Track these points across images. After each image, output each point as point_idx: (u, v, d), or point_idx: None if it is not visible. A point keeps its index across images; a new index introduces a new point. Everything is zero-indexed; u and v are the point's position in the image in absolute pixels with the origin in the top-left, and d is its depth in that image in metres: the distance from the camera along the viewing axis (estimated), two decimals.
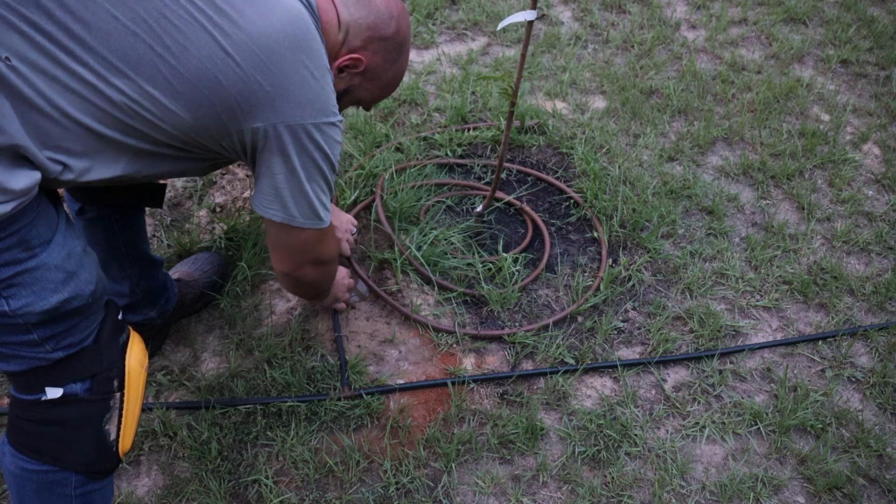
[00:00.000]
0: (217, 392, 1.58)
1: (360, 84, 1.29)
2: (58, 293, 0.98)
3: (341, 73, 1.25)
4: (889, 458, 1.61)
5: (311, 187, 1.17)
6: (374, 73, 1.28)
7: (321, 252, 1.32)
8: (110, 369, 1.07)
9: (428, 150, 2.23)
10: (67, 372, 1.03)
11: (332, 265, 1.43)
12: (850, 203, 2.24)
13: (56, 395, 1.03)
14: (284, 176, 1.14)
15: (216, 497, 1.41)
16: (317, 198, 1.20)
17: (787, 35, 2.97)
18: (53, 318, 0.99)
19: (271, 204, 1.18)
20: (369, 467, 1.50)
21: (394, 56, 1.29)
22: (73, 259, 1.00)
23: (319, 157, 1.15)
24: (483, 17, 2.84)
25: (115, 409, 1.07)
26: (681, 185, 2.21)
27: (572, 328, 1.80)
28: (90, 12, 0.96)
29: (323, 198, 1.22)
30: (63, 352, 1.02)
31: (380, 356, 1.70)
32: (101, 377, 1.06)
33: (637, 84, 2.60)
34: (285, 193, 1.17)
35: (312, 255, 1.30)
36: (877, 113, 2.63)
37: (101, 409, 1.07)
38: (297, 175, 1.15)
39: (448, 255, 1.88)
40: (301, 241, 1.25)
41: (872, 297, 1.96)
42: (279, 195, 1.17)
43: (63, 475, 1.07)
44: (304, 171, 1.15)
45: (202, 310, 1.74)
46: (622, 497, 1.48)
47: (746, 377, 1.75)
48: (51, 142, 0.97)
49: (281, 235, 1.25)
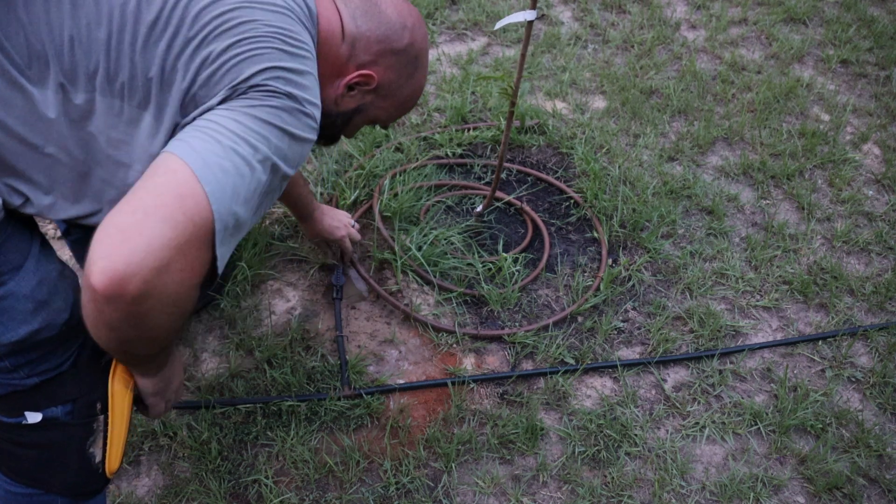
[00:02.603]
0: (217, 392, 1.58)
1: (372, 102, 1.19)
2: (26, 324, 0.90)
3: (351, 91, 1.14)
4: (889, 458, 1.61)
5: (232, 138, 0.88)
6: (387, 90, 1.17)
7: (177, 247, 0.79)
8: (92, 392, 1.00)
9: (428, 150, 2.23)
10: (45, 396, 0.97)
11: (183, 303, 0.85)
12: (850, 203, 2.24)
13: (35, 419, 0.97)
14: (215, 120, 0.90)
15: (216, 497, 1.41)
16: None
17: (787, 35, 2.97)
18: (24, 349, 0.92)
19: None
20: (369, 467, 1.50)
21: (409, 70, 1.17)
22: (45, 287, 0.92)
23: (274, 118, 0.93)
24: (483, 17, 2.84)
25: (100, 432, 1.03)
26: (681, 185, 2.21)
27: (572, 328, 1.80)
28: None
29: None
30: (38, 377, 0.95)
31: (380, 356, 1.70)
32: (83, 401, 1.00)
33: (637, 84, 2.60)
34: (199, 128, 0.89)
35: (168, 242, 0.78)
36: (877, 113, 2.63)
37: (84, 432, 1.02)
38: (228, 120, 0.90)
39: (448, 255, 1.88)
40: (169, 193, 0.80)
41: (872, 297, 1.96)
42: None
43: (49, 498, 1.04)
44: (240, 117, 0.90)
45: (202, 310, 1.74)
46: (622, 497, 1.48)
47: (746, 377, 1.75)
48: (7, 169, 0.87)
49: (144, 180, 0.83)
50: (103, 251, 0.75)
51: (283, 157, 0.94)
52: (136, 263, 0.75)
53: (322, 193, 2.03)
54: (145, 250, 0.76)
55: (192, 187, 0.81)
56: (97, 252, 0.76)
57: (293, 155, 0.96)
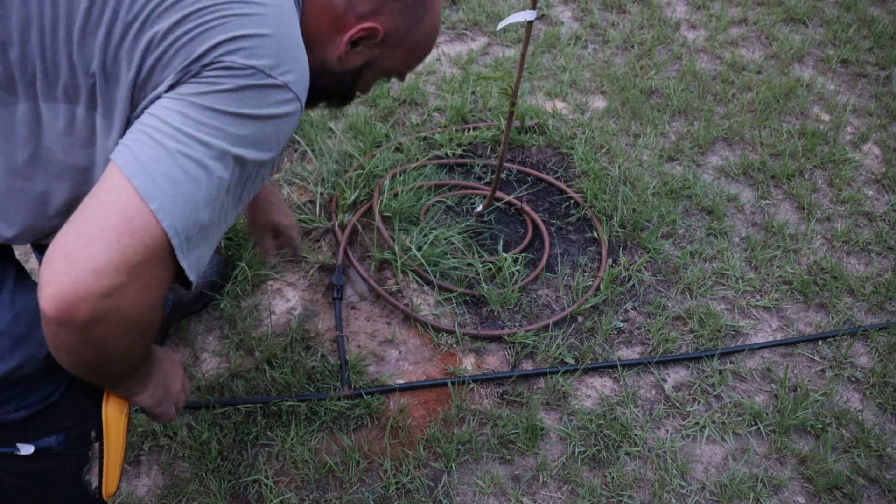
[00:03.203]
0: (217, 392, 1.58)
1: (382, 54, 1.06)
2: (4, 362, 0.86)
3: (356, 48, 1.02)
4: (889, 458, 1.61)
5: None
6: (396, 39, 1.04)
7: (127, 271, 0.74)
8: (85, 422, 0.97)
9: (428, 150, 2.23)
10: (37, 428, 0.94)
11: (143, 324, 0.80)
12: (850, 203, 2.24)
13: (28, 451, 0.94)
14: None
15: (216, 497, 1.41)
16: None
17: (787, 35, 2.97)
18: (6, 385, 0.88)
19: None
20: (369, 467, 1.50)
21: (418, 13, 1.03)
22: (23, 320, 0.87)
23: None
24: (483, 17, 2.84)
25: (95, 459, 1.00)
26: (681, 185, 2.21)
27: (572, 328, 1.80)
28: None
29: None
30: (27, 410, 0.91)
31: (380, 356, 1.70)
32: (77, 431, 0.96)
33: (637, 84, 2.60)
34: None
35: (114, 266, 0.73)
36: (877, 113, 2.63)
37: (79, 461, 0.99)
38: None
39: (448, 255, 1.88)
40: (117, 213, 0.74)
41: (872, 297, 1.96)
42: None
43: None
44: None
45: (202, 310, 1.74)
46: (622, 497, 1.48)
47: (746, 377, 1.75)
48: None
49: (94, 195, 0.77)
50: (50, 277, 0.71)
51: (250, 144, 0.82)
52: (83, 290, 0.71)
53: (322, 193, 2.03)
54: (93, 276, 0.71)
55: (136, 206, 0.74)
56: (44, 277, 0.72)
57: (265, 137, 0.84)
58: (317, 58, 0.98)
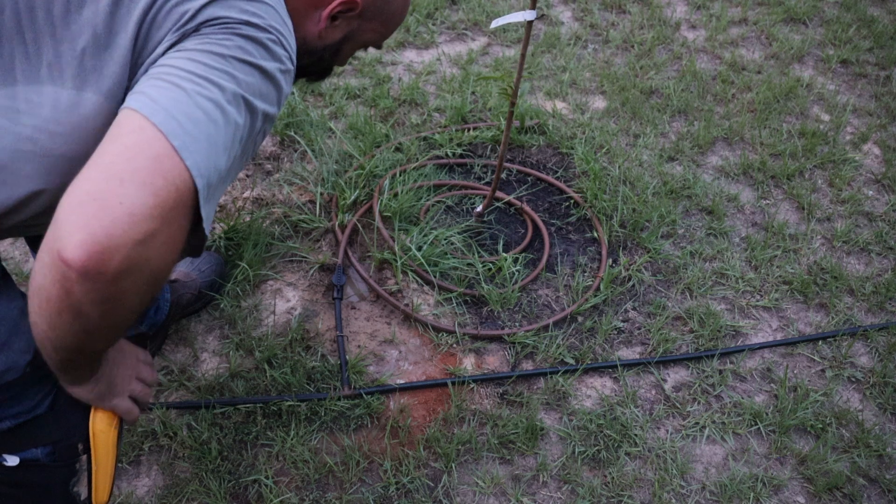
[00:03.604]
0: (217, 392, 1.58)
1: (360, 27, 1.07)
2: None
3: (335, 21, 1.02)
4: (889, 458, 1.61)
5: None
6: (374, 10, 1.05)
7: (160, 216, 0.69)
8: (72, 435, 0.94)
9: (428, 150, 2.23)
10: (23, 439, 0.91)
11: (159, 274, 0.73)
12: (850, 203, 2.24)
13: (14, 462, 0.93)
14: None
15: (216, 497, 1.41)
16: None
17: (787, 35, 2.97)
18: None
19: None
20: (369, 467, 1.50)
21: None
22: (3, 327, 0.85)
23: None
24: (483, 17, 2.84)
25: (83, 472, 0.98)
26: (681, 185, 2.21)
27: (572, 328, 1.80)
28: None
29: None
30: (11, 421, 0.89)
31: (380, 356, 1.70)
32: (63, 444, 0.94)
33: (637, 84, 2.60)
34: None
35: (150, 211, 0.68)
36: (877, 113, 2.63)
37: (66, 473, 0.97)
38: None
39: (448, 255, 1.88)
40: (149, 166, 0.69)
41: (872, 297, 1.96)
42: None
43: None
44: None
45: (202, 310, 1.74)
46: (622, 497, 1.48)
47: (746, 377, 1.75)
48: None
49: (121, 140, 0.71)
50: (79, 221, 0.64)
51: (258, 93, 0.81)
52: (118, 236, 0.64)
53: (322, 193, 2.03)
54: (128, 221, 0.65)
55: (163, 145, 0.69)
56: (70, 223, 0.64)
57: (269, 91, 0.83)
58: (298, 36, 0.98)
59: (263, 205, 2.01)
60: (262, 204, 2.01)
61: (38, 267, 0.69)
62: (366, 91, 2.44)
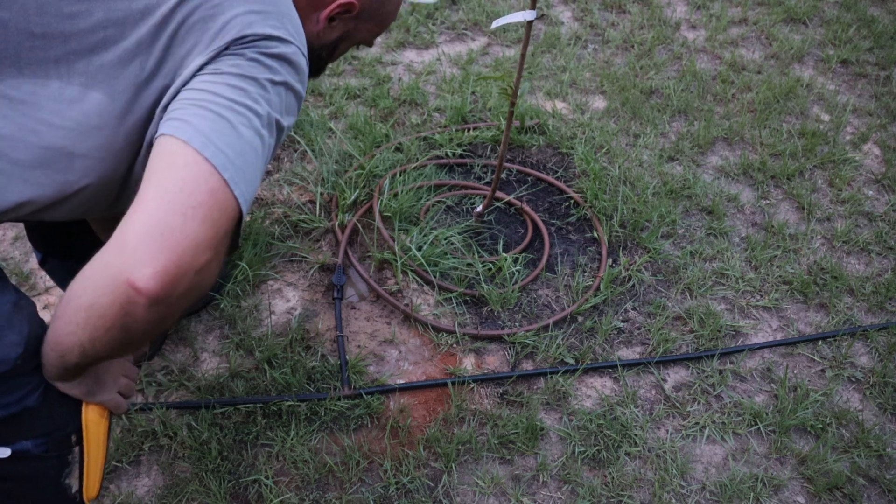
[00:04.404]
0: (217, 392, 1.58)
1: (356, 27, 1.12)
2: None
3: (333, 23, 1.07)
4: (889, 458, 1.61)
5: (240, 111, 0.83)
6: (370, 11, 1.10)
7: (216, 245, 0.78)
8: (65, 426, 0.95)
9: (428, 150, 2.23)
10: (14, 430, 0.91)
11: (206, 290, 0.82)
12: (850, 203, 2.24)
13: (5, 454, 0.91)
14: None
15: (216, 497, 1.41)
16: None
17: (787, 35, 2.97)
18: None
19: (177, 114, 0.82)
20: (369, 467, 1.50)
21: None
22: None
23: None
24: (483, 17, 2.84)
25: (75, 463, 0.98)
26: (681, 185, 2.21)
27: (572, 328, 1.80)
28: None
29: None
30: (2, 411, 0.89)
31: (380, 356, 1.70)
32: (56, 435, 0.94)
33: (637, 84, 2.60)
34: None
35: (210, 242, 0.77)
36: (877, 113, 2.63)
37: (58, 465, 0.97)
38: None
39: (448, 255, 1.88)
40: (208, 200, 0.76)
41: (872, 297, 1.96)
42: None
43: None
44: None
45: (202, 310, 1.74)
46: (622, 497, 1.48)
47: (746, 377, 1.75)
48: None
49: (175, 173, 0.77)
50: (148, 253, 0.72)
51: (286, 110, 0.89)
52: (185, 267, 0.73)
53: (322, 193, 2.03)
54: (193, 253, 0.74)
55: (217, 180, 0.77)
56: (140, 253, 0.72)
57: (292, 103, 0.90)
58: None
59: (263, 205, 2.01)
60: (262, 204, 2.01)
61: (90, 285, 0.75)
62: (366, 91, 2.44)
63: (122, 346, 0.82)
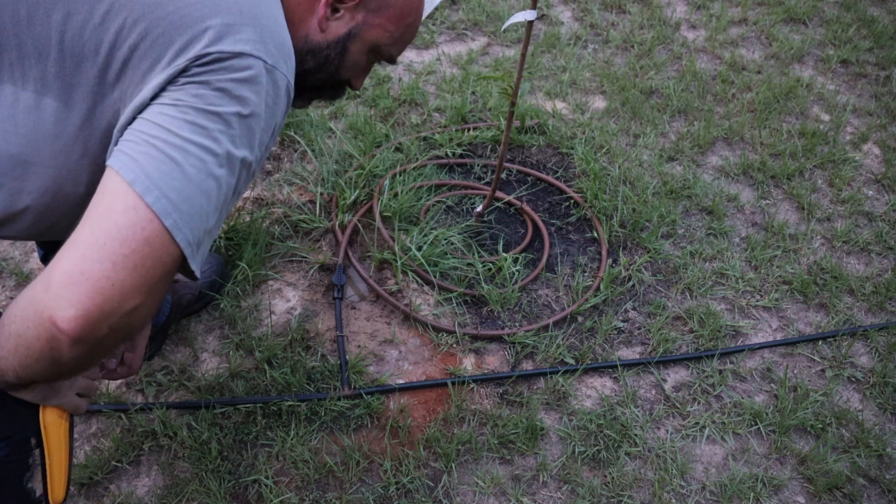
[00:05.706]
0: (217, 392, 1.58)
1: (365, 21, 1.01)
2: None
3: (336, 14, 0.98)
4: (889, 458, 1.61)
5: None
6: (377, 1, 1.00)
7: (147, 291, 0.76)
8: (24, 429, 0.92)
9: (428, 150, 2.23)
10: None
11: (139, 330, 0.85)
12: (850, 203, 2.24)
13: None
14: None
15: (216, 497, 1.41)
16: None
17: (787, 35, 2.97)
18: None
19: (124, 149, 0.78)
20: (369, 467, 1.50)
21: None
22: None
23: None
24: (483, 17, 2.84)
25: (37, 466, 0.95)
26: (681, 185, 2.21)
27: (572, 328, 1.80)
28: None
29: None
30: None
31: (380, 356, 1.70)
32: (15, 439, 0.92)
33: (637, 84, 2.60)
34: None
35: (139, 289, 0.75)
36: (877, 113, 2.63)
37: (18, 469, 0.94)
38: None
39: (448, 255, 1.88)
40: (142, 246, 0.75)
41: (872, 297, 1.96)
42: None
43: None
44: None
45: (202, 310, 1.74)
46: (622, 497, 1.48)
47: (746, 377, 1.75)
48: None
49: (109, 218, 0.74)
50: (73, 297, 0.71)
51: (252, 144, 0.83)
52: (109, 311, 0.73)
53: (322, 193, 2.03)
54: (119, 299, 0.73)
55: (155, 227, 0.74)
56: (65, 297, 0.71)
57: (266, 128, 0.84)
58: (300, 34, 0.97)
59: (263, 205, 2.01)
60: (262, 204, 2.01)
61: (19, 315, 0.74)
62: (366, 91, 2.44)
63: (55, 376, 0.80)
